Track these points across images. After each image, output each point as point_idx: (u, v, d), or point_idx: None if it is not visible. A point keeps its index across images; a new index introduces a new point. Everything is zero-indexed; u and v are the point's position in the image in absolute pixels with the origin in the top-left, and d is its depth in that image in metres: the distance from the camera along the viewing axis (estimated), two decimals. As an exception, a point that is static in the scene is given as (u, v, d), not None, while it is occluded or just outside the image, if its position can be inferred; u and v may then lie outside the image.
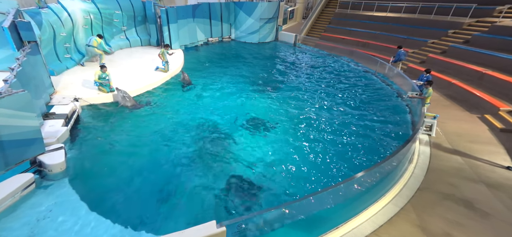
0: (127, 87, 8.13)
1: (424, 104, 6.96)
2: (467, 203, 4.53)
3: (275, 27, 17.37)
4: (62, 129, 5.61)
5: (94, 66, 8.00)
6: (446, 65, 11.24)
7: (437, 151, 6.23)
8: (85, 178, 4.76)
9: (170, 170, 5.17)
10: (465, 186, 5.00)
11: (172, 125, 6.80)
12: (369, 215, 4.12)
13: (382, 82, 10.68)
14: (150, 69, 9.89)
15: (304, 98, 8.77)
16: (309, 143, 6.21)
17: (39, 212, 3.92)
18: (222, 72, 11.05)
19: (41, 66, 6.52)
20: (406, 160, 5.20)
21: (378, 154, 5.92)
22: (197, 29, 14.78)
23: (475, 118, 7.78)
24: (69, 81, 8.15)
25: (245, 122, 7.13)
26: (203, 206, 4.35)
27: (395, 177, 4.91)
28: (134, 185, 4.74)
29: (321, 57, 14.35)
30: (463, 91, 9.24)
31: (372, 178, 4.18)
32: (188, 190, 4.66)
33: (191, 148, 5.88)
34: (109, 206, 4.21)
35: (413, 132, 5.41)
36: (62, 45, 9.09)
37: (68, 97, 6.79)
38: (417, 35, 14.44)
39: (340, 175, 5.21)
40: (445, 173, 5.41)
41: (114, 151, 5.60)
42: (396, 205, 4.39)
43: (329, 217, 3.83)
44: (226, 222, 2.69)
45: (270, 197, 4.62)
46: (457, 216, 4.22)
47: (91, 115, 6.92)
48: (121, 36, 12.36)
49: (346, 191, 3.82)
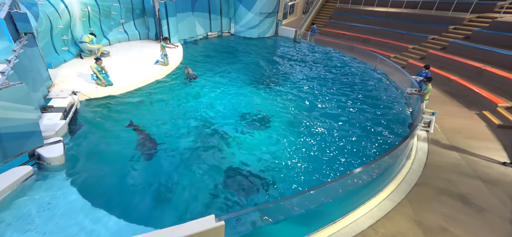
0: (126, 81, 8.08)
1: (423, 101, 6.97)
2: (463, 198, 4.58)
3: (275, 22, 17.21)
4: (60, 122, 5.58)
5: (92, 59, 7.92)
6: (446, 61, 11.23)
7: (435, 147, 6.26)
8: (83, 172, 4.74)
9: (170, 164, 5.16)
10: (462, 181, 5.05)
11: (172, 118, 6.78)
12: (367, 210, 4.15)
13: (381, 79, 10.66)
14: (149, 63, 9.81)
15: (303, 94, 8.74)
16: (308, 139, 6.21)
17: (38, 205, 3.93)
18: (221, 67, 10.98)
19: (38, 58, 6.44)
20: (404, 156, 5.23)
21: (376, 149, 5.93)
22: (196, 23, 14.62)
23: (473, 114, 7.80)
24: (67, 74, 8.07)
25: (244, 117, 7.11)
26: (202, 200, 4.36)
27: (393, 173, 4.95)
28: (132, 179, 4.73)
29: (321, 52, 14.27)
30: (462, 88, 9.26)
31: (370, 173, 4.20)
32: (187, 184, 4.67)
33: (190, 142, 5.87)
34: (107, 200, 4.21)
35: (412, 128, 5.43)
36: (60, 37, 8.97)
37: (66, 91, 6.73)
38: (417, 30, 14.39)
39: (338, 171, 5.22)
40: (442, 169, 5.45)
41: (113, 145, 5.58)
42: (393, 200, 4.43)
43: (327, 212, 3.86)
44: (225, 216, 2.69)
45: (269, 191, 4.64)
46: (453, 211, 4.27)
47: (89, 109, 6.88)
48: (119, 29, 12.20)
49: (344, 186, 3.84)
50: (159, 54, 9.79)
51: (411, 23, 15.10)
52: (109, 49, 10.70)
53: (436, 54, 11.97)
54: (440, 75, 10.27)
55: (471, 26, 12.64)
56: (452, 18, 13.65)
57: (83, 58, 9.48)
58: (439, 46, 12.66)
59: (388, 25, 15.97)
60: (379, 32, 15.91)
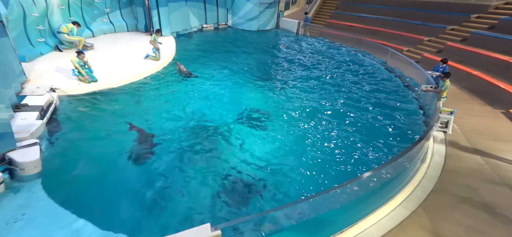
0: (112, 77, 8.03)
1: (439, 99, 6.87)
2: (488, 207, 4.46)
3: (276, 13, 17.20)
4: (36, 122, 5.52)
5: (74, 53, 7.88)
6: (466, 55, 11.05)
7: (454, 149, 6.16)
8: (63, 178, 4.68)
9: (160, 169, 5.10)
10: (486, 188, 4.93)
11: (163, 118, 6.74)
12: (377, 219, 4.07)
13: (392, 74, 10.61)
14: (139, 57, 9.79)
15: (307, 92, 8.72)
16: (312, 140, 6.19)
17: (9, 217, 3.83)
18: (218, 63, 10.98)
19: (9, 50, 6.31)
20: (418, 159, 5.15)
21: (387, 152, 5.88)
22: (190, 14, 14.62)
23: (499, 113, 7.68)
24: (43, 69, 8.02)
25: (243, 116, 7.11)
26: (197, 207, 4.33)
27: (406, 178, 4.87)
28: (119, 186, 4.67)
29: (326, 46, 14.24)
30: (485, 84, 9.09)
31: (380, 178, 4.13)
32: (180, 191, 4.63)
33: (184, 144, 5.83)
34: (91, 210, 4.12)
35: (427, 129, 5.35)
36: (35, 27, 8.79)
37: (43, 87, 6.69)
38: (434, 20, 14.22)
39: (345, 174, 5.18)
40: (462, 174, 5.34)
41: (97, 148, 5.50)
42: (406, 209, 4.34)
43: (333, 220, 3.81)
44: (221, 225, 2.72)
45: (269, 198, 4.61)
46: (475, 222, 4.15)
47: (71, 108, 6.83)
48: (104, 20, 12.18)
49: (352, 192, 3.79)
50: (150, 48, 9.75)
51: (427, 12, 14.95)
52: (92, 41, 10.68)
53: (456, 46, 11.82)
54: (460, 70, 10.16)
55: (497, 15, 12.31)
56: (475, 6, 13.36)
57: (62, 51, 9.42)
58: (459, 37, 12.48)
59: (401, 15, 15.86)
60: (390, 23, 15.82)
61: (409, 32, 14.50)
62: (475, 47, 11.13)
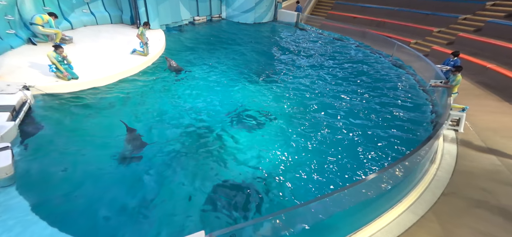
0: (95, 74, 7.93)
1: (450, 94, 6.88)
2: (505, 212, 4.43)
3: (274, 4, 17.16)
4: (8, 124, 5.41)
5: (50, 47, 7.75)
6: (481, 46, 11.07)
7: (466, 149, 6.17)
8: (38, 185, 4.58)
9: (150, 172, 5.06)
10: (503, 191, 4.91)
11: (152, 119, 6.71)
12: (383, 224, 4.07)
13: (399, 69, 10.64)
14: (125, 52, 9.69)
15: (307, 89, 8.73)
16: (313, 141, 6.18)
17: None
18: (211, 59, 10.96)
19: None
20: (427, 160, 5.14)
21: (393, 152, 5.88)
22: (180, 5, 14.52)
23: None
24: (15, 64, 7.85)
25: (238, 115, 7.12)
26: (190, 213, 4.32)
27: (414, 180, 4.87)
28: (104, 192, 4.59)
29: (328, 40, 14.26)
30: (502, 78, 9.10)
31: (386, 180, 4.13)
32: (172, 196, 4.61)
33: (176, 145, 5.81)
34: (71, 220, 4.05)
35: (436, 127, 5.36)
36: (2, 17, 8.50)
37: (15, 85, 6.56)
38: (445, 10, 14.28)
39: (349, 177, 5.19)
40: (475, 176, 5.34)
41: (78, 152, 5.41)
42: (415, 213, 4.33)
43: (336, 225, 3.81)
44: (217, 232, 2.71)
45: (268, 202, 4.62)
46: (491, 228, 4.13)
47: (47, 108, 6.72)
48: (84, 10, 12.01)
49: (356, 196, 3.79)
50: (138, 42, 9.66)
51: (437, 1, 14.99)
52: (71, 34, 10.51)
53: (468, 37, 11.83)
54: (473, 63, 10.19)
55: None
56: (492, -8, 13.34)
57: (36, 44, 9.23)
58: (473, 27, 12.48)
59: (409, 5, 15.93)
60: (396, 14, 15.89)
61: (417, 23, 14.56)
62: (490, 38, 11.12)
